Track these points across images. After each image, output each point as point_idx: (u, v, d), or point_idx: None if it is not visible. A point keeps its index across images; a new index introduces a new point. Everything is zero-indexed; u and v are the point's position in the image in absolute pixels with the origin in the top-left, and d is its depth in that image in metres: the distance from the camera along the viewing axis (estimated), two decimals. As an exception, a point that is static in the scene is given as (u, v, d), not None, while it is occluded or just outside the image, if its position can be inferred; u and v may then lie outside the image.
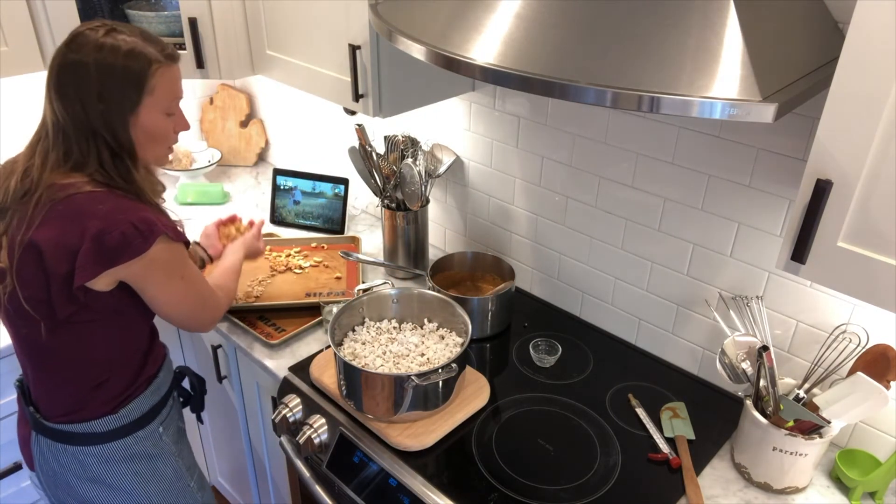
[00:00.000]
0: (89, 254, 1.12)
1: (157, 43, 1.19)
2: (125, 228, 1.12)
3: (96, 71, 1.13)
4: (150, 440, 1.35)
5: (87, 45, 1.13)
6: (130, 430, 1.31)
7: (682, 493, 1.26)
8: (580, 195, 1.61)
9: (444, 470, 1.30)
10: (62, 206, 1.14)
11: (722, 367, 1.30)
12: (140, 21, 1.82)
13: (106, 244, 1.12)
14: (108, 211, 1.14)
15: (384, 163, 1.81)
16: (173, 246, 1.21)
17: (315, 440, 1.41)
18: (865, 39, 0.80)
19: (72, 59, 1.13)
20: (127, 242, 1.13)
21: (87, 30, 1.15)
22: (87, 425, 1.27)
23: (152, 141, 1.23)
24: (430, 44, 1.01)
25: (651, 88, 0.83)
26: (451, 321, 1.51)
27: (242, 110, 2.49)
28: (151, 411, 1.35)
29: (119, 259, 1.13)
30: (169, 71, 1.20)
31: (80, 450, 1.28)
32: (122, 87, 1.15)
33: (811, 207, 0.91)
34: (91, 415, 1.27)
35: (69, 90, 1.14)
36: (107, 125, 1.16)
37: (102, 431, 1.28)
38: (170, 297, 1.25)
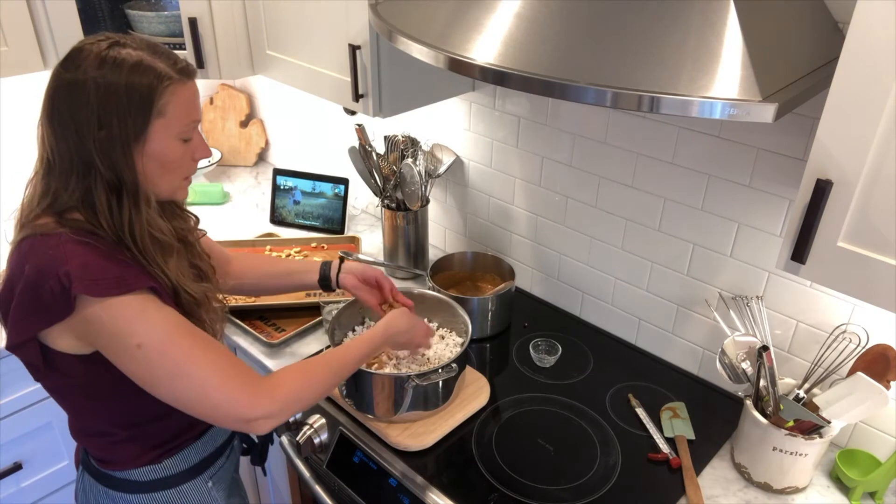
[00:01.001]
0: (18, 310, 0.94)
1: (169, 56, 0.98)
2: (52, 283, 0.91)
3: (96, 91, 0.93)
4: (197, 495, 1.18)
5: (85, 61, 0.93)
6: (174, 482, 1.15)
7: (682, 493, 1.26)
8: (580, 195, 1.61)
9: (444, 470, 1.30)
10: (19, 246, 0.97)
11: (722, 367, 1.30)
12: (140, 21, 1.82)
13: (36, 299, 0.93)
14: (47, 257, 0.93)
15: (384, 163, 1.81)
16: (108, 304, 0.93)
17: (315, 440, 1.41)
18: (865, 39, 0.80)
19: (67, 78, 0.94)
20: (54, 299, 0.92)
21: (87, 44, 0.96)
22: (126, 473, 1.13)
23: (164, 171, 1.01)
24: (430, 44, 1.01)
25: (651, 88, 0.83)
26: (451, 321, 1.51)
27: (242, 110, 2.50)
28: (202, 464, 1.17)
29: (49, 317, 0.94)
30: (183, 88, 0.98)
31: (117, 495, 1.14)
32: (126, 109, 0.94)
33: (811, 207, 0.91)
34: (129, 465, 1.12)
35: (63, 115, 0.94)
36: (106, 156, 0.95)
37: (144, 481, 1.13)
38: (134, 373, 0.97)
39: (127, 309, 0.94)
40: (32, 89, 1.04)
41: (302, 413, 1.47)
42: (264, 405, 0.99)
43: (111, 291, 0.93)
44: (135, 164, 0.97)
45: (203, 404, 0.98)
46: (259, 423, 0.99)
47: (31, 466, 1.80)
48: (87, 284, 0.91)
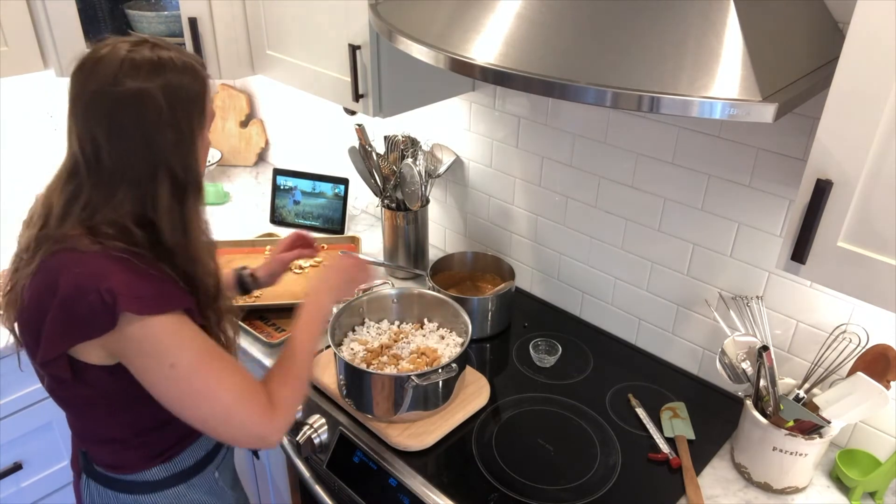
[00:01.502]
0: (54, 325, 0.94)
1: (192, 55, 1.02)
2: (92, 298, 0.91)
3: (164, 96, 0.94)
4: (205, 486, 1.21)
5: (143, 68, 0.93)
6: (185, 477, 1.17)
7: (682, 493, 1.26)
8: (580, 195, 1.61)
9: (444, 470, 1.30)
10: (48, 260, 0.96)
11: (722, 367, 1.30)
12: (140, 21, 1.82)
13: (74, 314, 0.92)
14: (85, 272, 0.93)
15: (384, 163, 1.81)
16: (150, 324, 0.94)
17: (315, 440, 1.41)
18: (865, 39, 0.80)
19: (132, 88, 0.93)
20: (94, 315, 0.91)
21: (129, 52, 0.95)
22: (137, 475, 1.13)
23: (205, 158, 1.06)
24: (430, 44, 1.01)
25: (651, 88, 0.83)
26: (451, 321, 1.51)
27: (242, 110, 2.50)
28: (207, 456, 1.20)
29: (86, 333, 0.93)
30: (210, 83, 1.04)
31: (131, 499, 1.14)
32: (192, 107, 0.98)
33: (811, 207, 0.91)
34: (141, 467, 1.13)
35: (130, 125, 0.94)
36: (180, 154, 0.98)
37: (155, 480, 1.14)
38: (162, 391, 0.98)
39: (164, 328, 0.95)
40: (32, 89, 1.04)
41: (302, 413, 1.47)
42: (279, 424, 1.03)
43: (152, 310, 0.94)
44: (198, 157, 1.01)
45: (226, 425, 1.00)
46: (273, 439, 1.03)
47: (31, 466, 1.80)
48: (131, 301, 0.92)
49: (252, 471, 1.97)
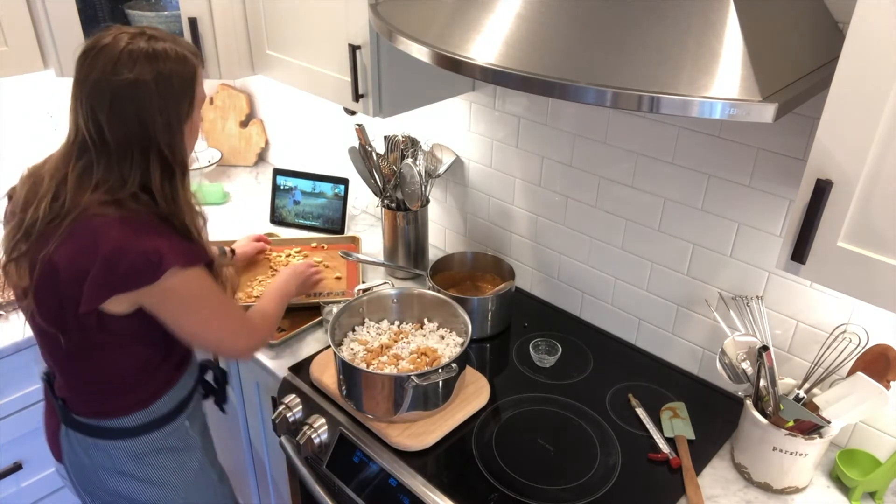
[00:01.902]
0: (97, 279, 1.09)
1: (186, 44, 1.17)
2: (134, 256, 1.08)
3: (156, 84, 1.09)
4: (178, 434, 1.35)
5: (139, 60, 1.08)
6: (159, 424, 1.31)
7: (682, 493, 1.26)
8: (580, 195, 1.61)
9: (444, 470, 1.30)
10: (81, 226, 1.11)
11: (722, 367, 1.30)
12: (140, 21, 1.82)
13: (115, 270, 1.08)
14: (121, 235, 1.09)
15: (384, 163, 1.81)
16: (189, 275, 1.15)
17: (315, 440, 1.41)
18: (865, 39, 0.80)
19: (128, 78, 1.08)
20: (136, 271, 1.09)
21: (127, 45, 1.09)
22: (117, 421, 1.27)
23: (192, 139, 1.22)
24: (430, 44, 1.01)
25: (651, 88, 0.83)
26: (451, 321, 1.51)
27: (242, 110, 2.50)
28: (179, 405, 1.34)
29: (126, 286, 1.11)
30: (202, 69, 1.19)
31: (110, 444, 1.28)
32: (181, 94, 1.13)
33: (811, 207, 0.91)
34: (121, 413, 1.27)
35: (127, 110, 1.09)
36: (167, 136, 1.13)
37: (132, 426, 1.28)
38: (190, 327, 1.22)
39: (195, 279, 1.17)
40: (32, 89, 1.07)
41: (302, 413, 1.47)
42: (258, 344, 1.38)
43: (191, 262, 1.15)
44: (184, 139, 1.16)
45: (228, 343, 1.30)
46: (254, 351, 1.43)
47: (31, 466, 1.80)
48: (175, 258, 1.11)
49: (252, 471, 1.97)
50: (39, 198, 1.13)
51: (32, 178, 1.19)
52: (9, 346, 1.63)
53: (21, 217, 1.16)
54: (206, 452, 1.43)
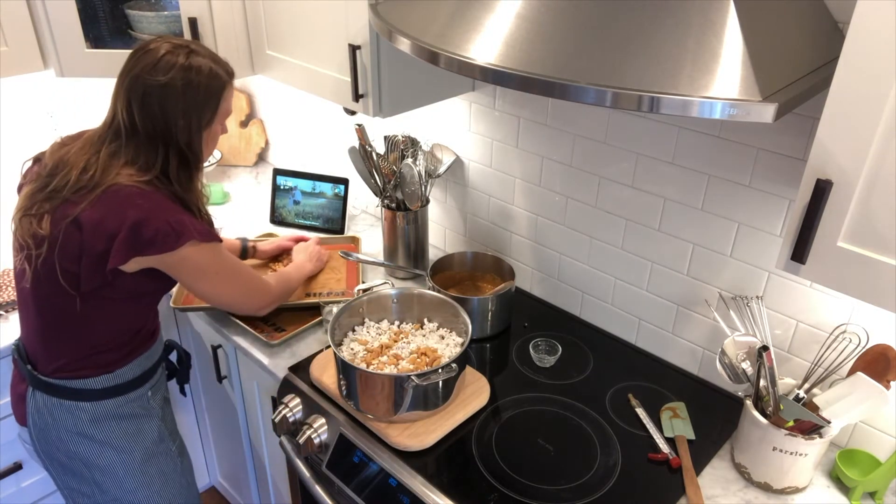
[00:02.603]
0: (124, 241, 1.22)
1: (223, 63, 1.34)
2: (160, 225, 1.23)
3: (184, 92, 1.26)
4: (139, 402, 1.44)
5: (174, 69, 1.25)
6: (122, 390, 1.40)
7: (682, 493, 1.26)
8: (580, 195, 1.61)
9: (444, 470, 1.30)
10: (111, 193, 1.24)
11: (722, 367, 1.30)
12: (140, 21, 1.82)
13: (140, 235, 1.22)
14: (148, 206, 1.24)
15: (384, 163, 1.81)
16: (204, 248, 1.31)
17: (315, 440, 1.41)
18: (865, 39, 0.80)
19: (161, 81, 1.24)
20: (160, 238, 1.23)
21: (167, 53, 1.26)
22: (84, 381, 1.36)
23: (211, 144, 1.39)
24: (429, 44, 1.01)
25: (651, 88, 0.83)
26: (451, 321, 1.51)
27: (242, 110, 2.50)
28: (144, 375, 1.44)
29: (149, 250, 1.24)
30: (232, 88, 1.37)
31: (73, 405, 1.36)
32: (204, 105, 1.30)
33: (811, 207, 0.91)
34: (87, 373, 1.36)
35: (155, 108, 1.26)
36: (186, 137, 1.29)
37: (97, 388, 1.37)
38: (206, 290, 1.40)
39: (209, 252, 1.34)
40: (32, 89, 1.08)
41: (302, 413, 1.47)
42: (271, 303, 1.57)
43: (209, 238, 1.32)
44: (202, 142, 1.33)
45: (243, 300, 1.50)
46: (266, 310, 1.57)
47: (31, 466, 1.80)
48: (196, 232, 1.28)
49: (252, 471, 1.97)
50: (70, 167, 1.27)
51: (64, 149, 1.31)
52: (9, 346, 1.63)
53: (47, 181, 1.28)
54: (166, 423, 1.51)
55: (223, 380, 1.84)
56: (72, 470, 1.41)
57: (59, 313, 1.31)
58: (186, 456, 1.57)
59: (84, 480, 1.41)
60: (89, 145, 1.30)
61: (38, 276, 1.29)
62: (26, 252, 1.27)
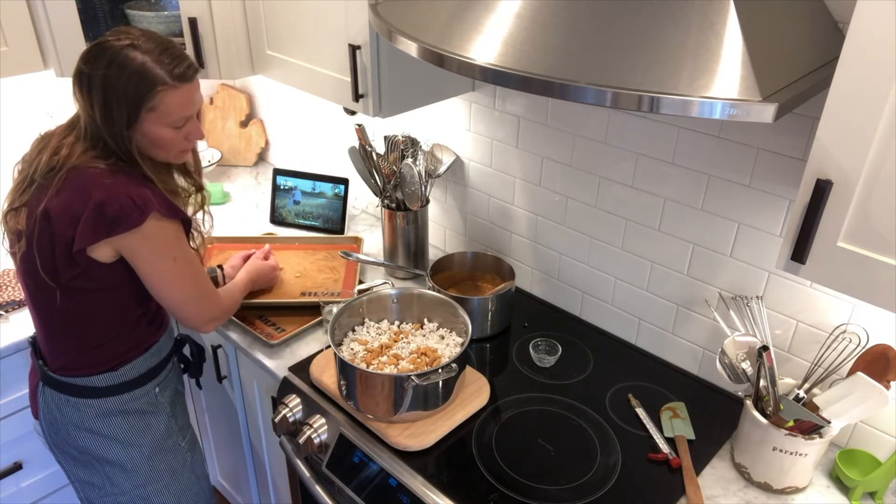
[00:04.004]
0: (89, 221, 1.19)
1: (172, 61, 1.22)
2: (123, 201, 1.19)
3: (100, 86, 1.19)
4: (146, 398, 1.42)
5: (100, 59, 1.19)
6: (128, 387, 1.39)
7: (682, 493, 1.26)
8: (580, 195, 1.61)
9: (444, 470, 1.30)
10: (74, 176, 1.22)
11: (722, 367, 1.30)
12: (140, 21, 1.82)
13: (105, 214, 1.19)
14: (111, 184, 1.21)
15: (384, 163, 1.81)
16: (166, 224, 1.26)
17: (315, 440, 1.41)
18: (865, 39, 0.80)
19: (82, 70, 1.21)
20: (124, 214, 1.19)
21: (107, 40, 1.21)
22: (87, 379, 1.35)
23: (157, 147, 1.28)
24: (430, 44, 1.01)
25: (651, 88, 0.83)
26: (451, 321, 1.51)
27: (242, 110, 2.50)
28: (150, 372, 1.42)
29: (116, 229, 1.20)
30: (175, 93, 1.23)
31: (80, 401, 1.36)
32: (121, 105, 1.20)
33: (811, 207, 0.91)
34: (91, 371, 1.35)
35: (82, 96, 1.22)
36: (108, 133, 1.23)
37: (101, 386, 1.36)
38: (161, 277, 1.30)
39: (173, 230, 1.28)
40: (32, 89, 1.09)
41: (302, 413, 1.47)
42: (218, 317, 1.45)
43: (172, 214, 1.27)
44: (130, 140, 1.24)
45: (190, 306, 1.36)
46: (214, 324, 1.44)
47: (31, 466, 1.80)
48: (156, 204, 1.22)
49: (252, 471, 1.97)
50: (43, 152, 1.27)
51: (43, 141, 1.31)
52: (9, 345, 1.63)
53: (25, 170, 1.29)
54: (175, 418, 1.49)
55: (223, 380, 1.84)
56: (82, 463, 1.42)
57: (49, 308, 1.31)
58: (198, 450, 1.57)
59: (94, 473, 1.42)
60: (61, 131, 1.30)
61: (24, 272, 1.30)
62: (12, 249, 1.29)
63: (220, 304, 1.45)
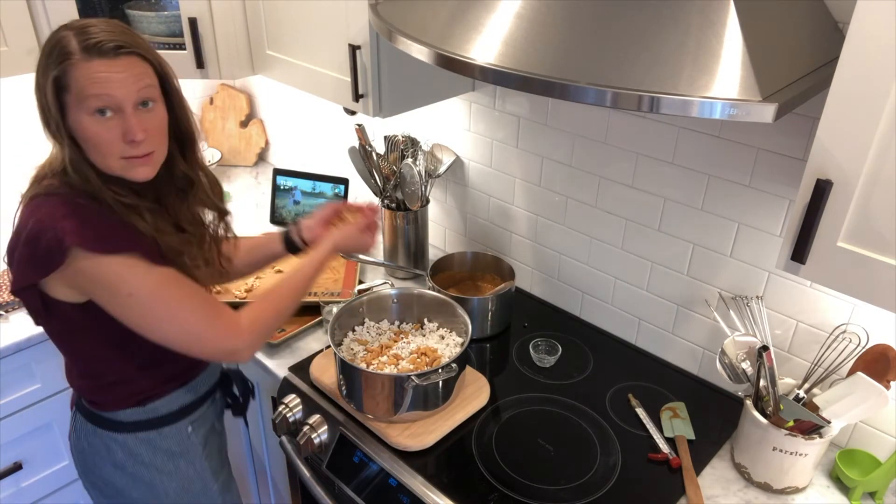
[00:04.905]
0: (20, 260, 1.06)
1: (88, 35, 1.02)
2: (50, 236, 1.02)
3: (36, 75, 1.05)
4: (176, 437, 1.29)
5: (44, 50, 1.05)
6: (156, 424, 1.26)
7: (682, 493, 1.26)
8: (580, 195, 1.61)
9: (444, 470, 1.30)
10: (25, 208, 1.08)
11: (722, 367, 1.30)
12: (140, 21, 1.81)
13: (36, 251, 1.03)
14: (44, 216, 1.04)
15: (384, 163, 1.81)
16: (102, 261, 1.04)
17: (315, 440, 1.41)
18: (865, 39, 0.80)
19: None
20: (48, 252, 1.02)
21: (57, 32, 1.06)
22: (112, 413, 1.24)
23: (94, 149, 1.06)
24: (430, 44, 1.01)
25: (651, 88, 0.83)
26: (451, 321, 1.51)
27: (242, 110, 2.50)
28: (182, 410, 1.29)
29: (45, 267, 1.03)
30: (85, 66, 1.00)
31: (105, 433, 1.25)
32: (43, 86, 1.03)
33: (811, 207, 0.91)
34: (115, 406, 1.23)
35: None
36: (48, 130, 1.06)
37: (126, 421, 1.24)
38: (128, 318, 1.09)
39: (116, 265, 1.05)
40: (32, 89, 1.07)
41: (302, 413, 1.47)
42: (244, 338, 1.15)
43: (101, 248, 1.04)
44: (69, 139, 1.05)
45: (193, 342, 1.13)
46: (243, 353, 1.15)
47: (31, 466, 1.80)
48: (79, 239, 1.02)
49: (252, 471, 1.97)
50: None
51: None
52: (9, 345, 1.63)
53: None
54: (209, 460, 1.36)
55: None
56: (107, 495, 1.32)
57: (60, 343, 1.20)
58: (233, 490, 1.44)
59: None
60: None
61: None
62: None
63: (239, 331, 1.14)
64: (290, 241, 1.43)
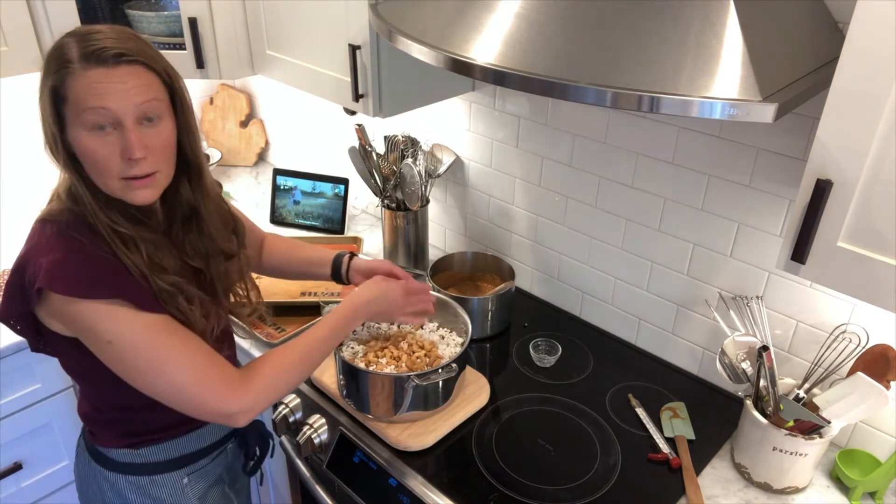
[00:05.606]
0: (7, 289, 0.99)
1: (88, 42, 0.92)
2: (30, 272, 0.95)
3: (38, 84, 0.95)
4: (170, 488, 1.18)
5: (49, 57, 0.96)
6: (149, 470, 1.16)
7: (682, 493, 1.26)
8: (580, 195, 1.61)
9: (444, 470, 1.30)
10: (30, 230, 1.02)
11: (722, 367, 1.30)
12: (140, 21, 1.81)
13: (22, 283, 0.97)
14: (31, 246, 0.98)
15: (384, 163, 1.81)
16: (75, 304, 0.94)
17: (315, 440, 1.41)
18: (865, 39, 0.80)
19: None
20: (30, 287, 0.95)
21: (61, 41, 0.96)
22: (107, 450, 1.16)
23: (93, 168, 0.96)
24: (430, 44, 1.01)
25: (651, 88, 0.83)
26: (452, 321, 1.51)
27: (242, 110, 2.50)
28: (180, 459, 1.18)
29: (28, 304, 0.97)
30: (83, 75, 0.91)
31: (99, 469, 1.17)
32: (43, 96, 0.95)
33: (811, 207, 0.91)
34: (109, 443, 1.15)
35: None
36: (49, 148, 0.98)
37: (119, 461, 1.16)
38: (113, 364, 0.99)
39: (94, 310, 0.95)
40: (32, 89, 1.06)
41: (302, 413, 1.47)
42: (241, 400, 1.02)
43: (77, 293, 0.94)
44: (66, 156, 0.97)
45: (180, 399, 1.01)
46: (238, 417, 1.03)
47: (31, 466, 1.80)
48: (51, 281, 0.93)
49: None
50: None
51: None
52: (9, 345, 1.63)
53: None
54: None
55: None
56: None
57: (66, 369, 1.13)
58: None
59: None
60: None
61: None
62: None
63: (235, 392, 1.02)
64: (336, 272, 1.37)
